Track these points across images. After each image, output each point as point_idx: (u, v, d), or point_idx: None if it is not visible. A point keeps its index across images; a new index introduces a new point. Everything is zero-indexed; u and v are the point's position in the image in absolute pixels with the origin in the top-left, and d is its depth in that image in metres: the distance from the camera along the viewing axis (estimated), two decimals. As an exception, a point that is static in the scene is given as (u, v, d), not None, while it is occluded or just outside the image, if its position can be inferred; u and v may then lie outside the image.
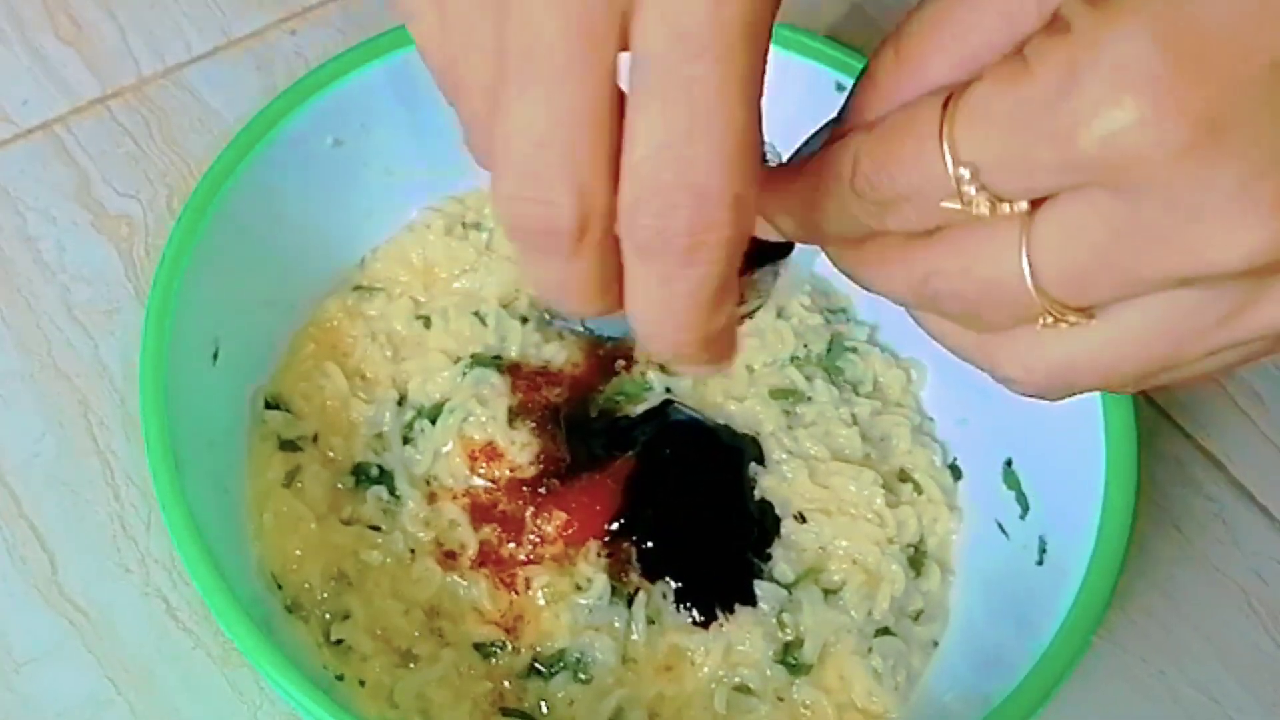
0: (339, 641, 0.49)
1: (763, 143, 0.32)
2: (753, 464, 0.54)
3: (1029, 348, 0.29)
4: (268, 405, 0.54)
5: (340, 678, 0.49)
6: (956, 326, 0.31)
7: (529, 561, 0.51)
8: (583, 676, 0.49)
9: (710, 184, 0.27)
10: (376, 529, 0.52)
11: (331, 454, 0.53)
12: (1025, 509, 0.52)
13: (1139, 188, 0.25)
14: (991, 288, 0.28)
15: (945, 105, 0.27)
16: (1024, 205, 0.27)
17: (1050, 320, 0.28)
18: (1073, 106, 0.25)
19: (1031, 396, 0.31)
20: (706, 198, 0.27)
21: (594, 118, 0.27)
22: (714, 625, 0.50)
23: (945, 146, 0.27)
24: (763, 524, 0.53)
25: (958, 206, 0.27)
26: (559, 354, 0.56)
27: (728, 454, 0.54)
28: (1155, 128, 0.24)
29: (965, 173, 0.26)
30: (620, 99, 0.27)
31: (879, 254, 0.30)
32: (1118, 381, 0.29)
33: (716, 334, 0.30)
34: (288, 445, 0.53)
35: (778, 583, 0.52)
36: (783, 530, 0.53)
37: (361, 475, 0.53)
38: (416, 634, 0.50)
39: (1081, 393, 0.30)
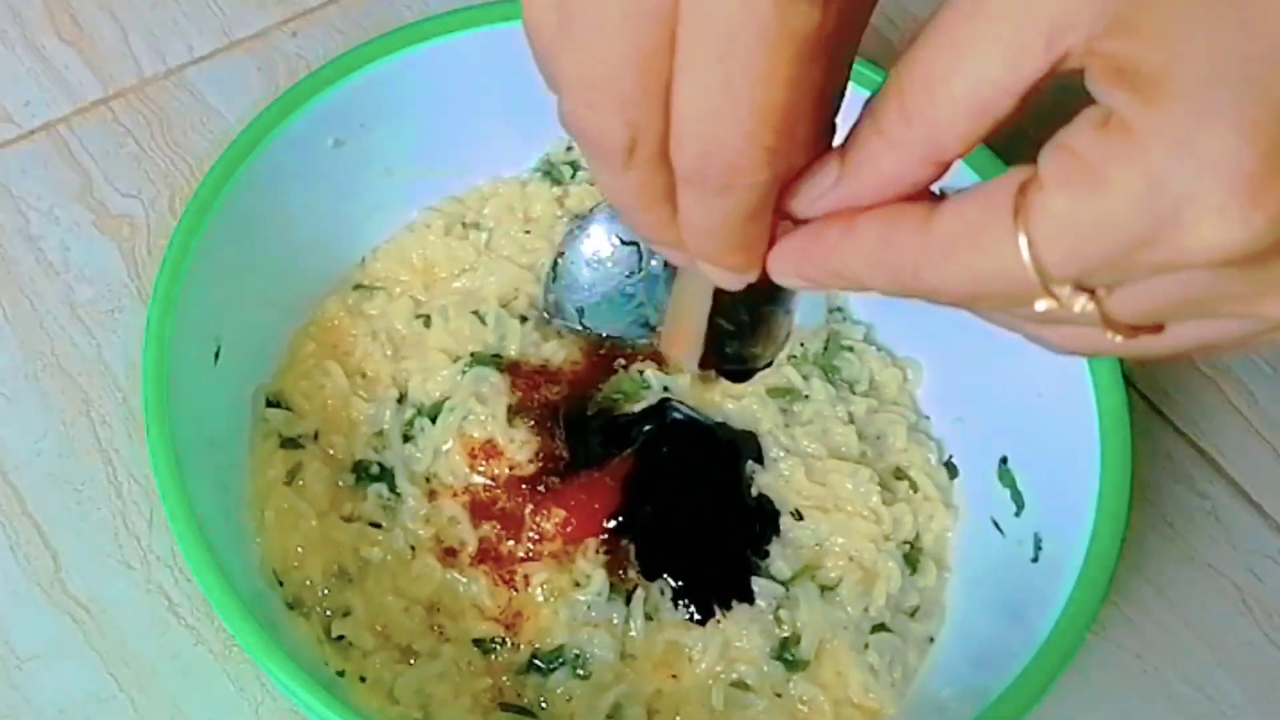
0: (340, 638, 0.50)
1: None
2: (751, 461, 0.54)
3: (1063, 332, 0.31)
4: (269, 403, 0.54)
5: (341, 674, 0.49)
6: None
7: (528, 558, 0.52)
8: (581, 672, 0.50)
9: (742, 140, 0.29)
10: (377, 526, 0.52)
11: (332, 452, 0.54)
12: (1020, 506, 0.52)
13: (1223, 273, 0.26)
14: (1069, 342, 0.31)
15: (1017, 213, 0.27)
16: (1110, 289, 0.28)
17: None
18: (1170, 212, 0.25)
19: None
20: (739, 150, 0.29)
21: (643, 62, 0.29)
22: (711, 622, 0.51)
23: (1030, 265, 0.27)
24: (761, 520, 0.53)
25: (1054, 306, 0.28)
26: (558, 353, 0.56)
27: (725, 452, 0.54)
28: (1263, 223, 0.25)
29: (1066, 289, 0.28)
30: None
31: (872, 274, 0.31)
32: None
33: (744, 244, 0.33)
34: (289, 443, 0.53)
35: (775, 579, 0.52)
36: (780, 527, 0.53)
37: (362, 473, 0.53)
38: (417, 630, 0.50)
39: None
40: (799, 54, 0.28)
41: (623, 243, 0.57)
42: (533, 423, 0.54)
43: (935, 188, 0.30)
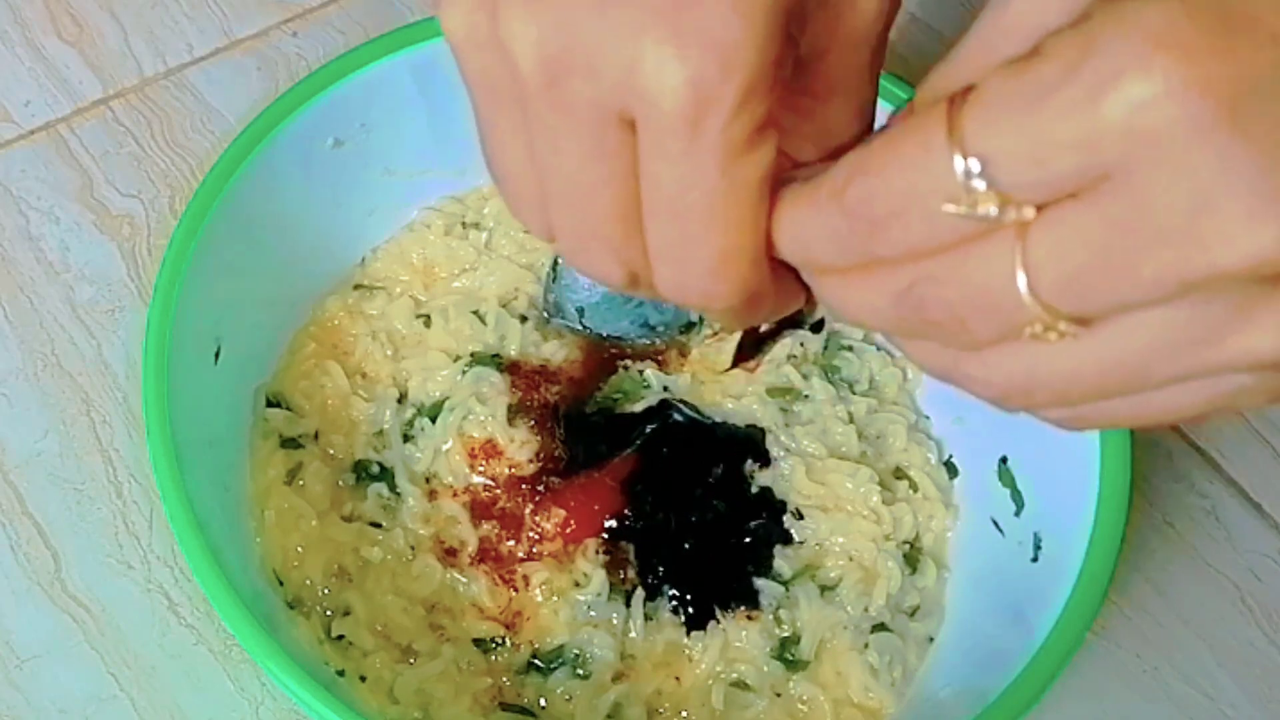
0: (340, 637, 0.50)
1: None
2: (751, 461, 0.54)
3: (996, 356, 0.28)
4: (269, 403, 0.54)
5: (341, 673, 0.49)
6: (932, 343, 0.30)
7: (528, 558, 0.52)
8: (581, 672, 0.50)
9: (708, 279, 0.30)
10: (377, 526, 0.52)
11: (332, 451, 0.54)
12: (1020, 506, 0.52)
13: (1155, 169, 0.24)
14: (982, 291, 0.26)
15: (951, 105, 0.25)
16: (1031, 212, 0.25)
17: (1040, 329, 0.26)
18: (1095, 74, 0.23)
19: (990, 403, 0.30)
20: (707, 287, 0.30)
21: (622, 215, 0.30)
22: (711, 621, 0.51)
23: (951, 140, 0.25)
24: (767, 522, 0.53)
25: (961, 210, 0.25)
26: (558, 352, 0.56)
27: (726, 452, 0.54)
28: (1181, 100, 0.23)
29: (975, 164, 0.25)
30: None
31: (863, 271, 0.29)
32: (1076, 396, 0.28)
33: (757, 305, 0.32)
34: (289, 443, 0.53)
35: (775, 579, 0.52)
36: (784, 528, 0.53)
37: (362, 472, 0.53)
38: (417, 630, 0.50)
39: (1040, 409, 0.29)
40: (751, 198, 0.29)
41: (623, 243, 0.57)
42: (533, 423, 0.54)
43: None
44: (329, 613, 0.50)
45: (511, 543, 0.52)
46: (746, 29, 0.27)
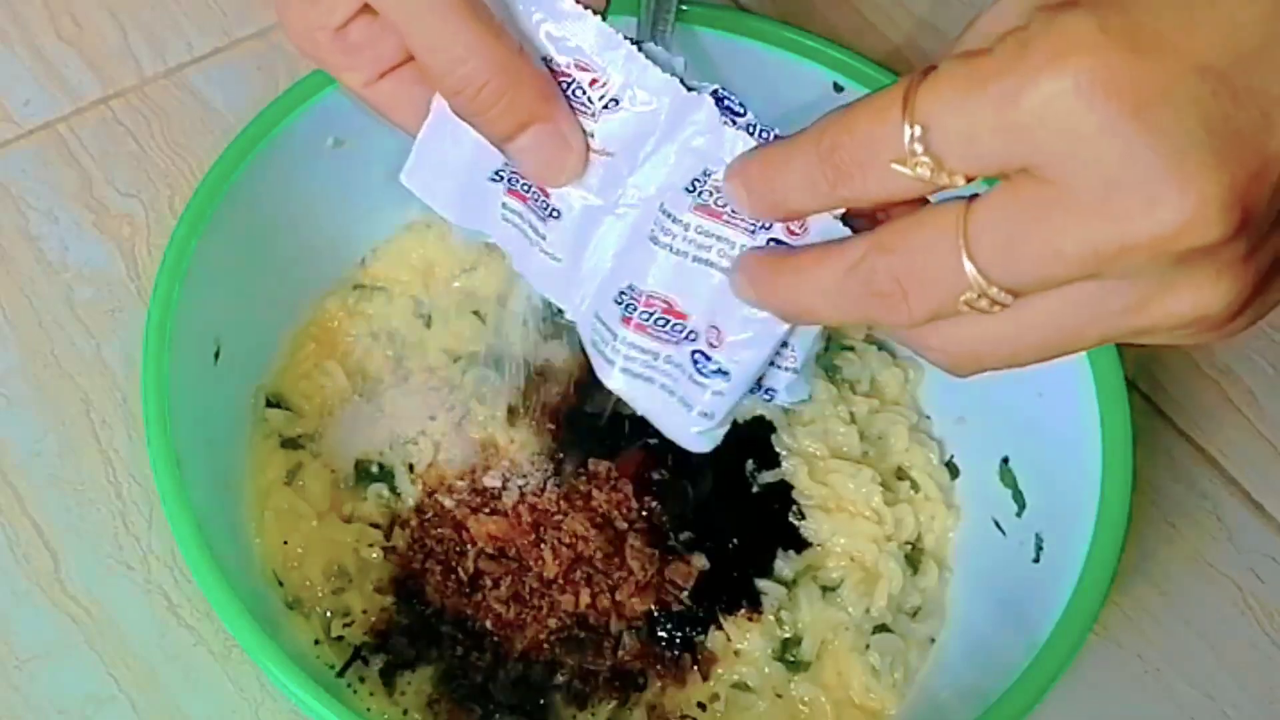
0: (340, 638, 0.50)
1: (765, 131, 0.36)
2: (753, 462, 0.54)
3: (947, 327, 0.32)
4: (269, 403, 0.54)
5: (341, 673, 0.49)
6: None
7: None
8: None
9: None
10: (377, 526, 0.52)
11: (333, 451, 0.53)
12: (1022, 507, 0.52)
13: (1069, 158, 0.28)
14: (926, 258, 0.31)
15: (912, 80, 0.30)
16: (961, 180, 0.30)
17: (975, 296, 0.30)
18: (1019, 71, 0.28)
19: (945, 370, 0.34)
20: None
21: None
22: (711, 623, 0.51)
23: (905, 108, 0.30)
24: (769, 520, 0.53)
25: (905, 171, 0.30)
26: (559, 352, 0.56)
27: (728, 453, 0.54)
28: (1089, 97, 0.27)
29: (917, 129, 0.29)
30: None
31: (819, 251, 0.33)
32: (1021, 358, 0.32)
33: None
34: (288, 443, 0.53)
35: (776, 580, 0.52)
36: (789, 529, 0.53)
37: (362, 473, 0.53)
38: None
39: (990, 370, 0.33)
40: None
41: (623, 242, 0.57)
42: (533, 423, 0.54)
43: None
44: (329, 613, 0.50)
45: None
46: None
